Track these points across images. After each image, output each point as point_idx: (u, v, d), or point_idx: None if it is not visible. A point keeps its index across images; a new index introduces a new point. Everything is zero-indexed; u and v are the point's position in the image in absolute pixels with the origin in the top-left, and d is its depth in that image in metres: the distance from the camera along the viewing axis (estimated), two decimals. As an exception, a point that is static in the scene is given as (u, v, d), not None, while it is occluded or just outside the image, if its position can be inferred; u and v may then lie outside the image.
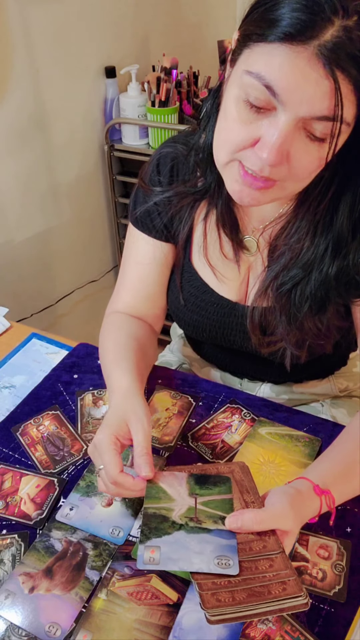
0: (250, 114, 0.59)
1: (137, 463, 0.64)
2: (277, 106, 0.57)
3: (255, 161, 0.61)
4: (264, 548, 0.57)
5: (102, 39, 1.73)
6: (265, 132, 0.59)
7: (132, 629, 0.61)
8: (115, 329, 0.87)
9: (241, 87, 0.59)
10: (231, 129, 0.62)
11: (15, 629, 0.61)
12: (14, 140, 1.57)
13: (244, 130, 0.60)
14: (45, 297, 1.87)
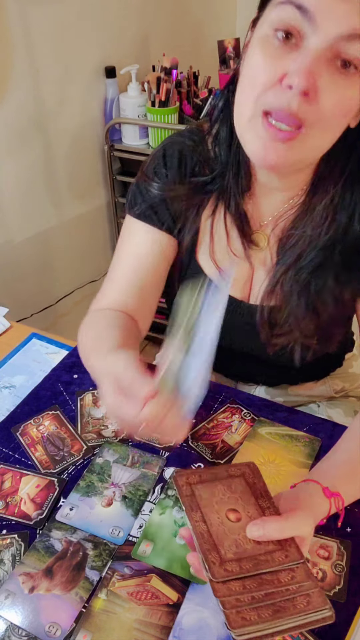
0: (278, 49, 0.57)
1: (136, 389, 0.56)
2: (307, 32, 0.56)
3: (282, 98, 0.57)
4: (286, 558, 0.55)
5: (102, 39, 1.73)
6: (293, 62, 0.56)
7: (132, 629, 0.61)
8: (95, 323, 0.80)
9: (270, 23, 0.58)
10: (256, 71, 0.59)
11: (15, 629, 0.61)
12: (14, 140, 1.57)
13: (270, 66, 0.58)
14: (45, 297, 1.87)
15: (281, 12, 0.57)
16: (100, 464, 0.79)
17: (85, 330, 0.80)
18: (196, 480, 0.61)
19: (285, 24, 0.56)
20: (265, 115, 0.60)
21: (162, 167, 0.81)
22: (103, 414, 0.87)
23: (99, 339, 0.73)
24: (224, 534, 0.56)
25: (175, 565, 0.66)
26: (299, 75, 0.55)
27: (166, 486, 0.76)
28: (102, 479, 0.77)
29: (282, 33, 0.57)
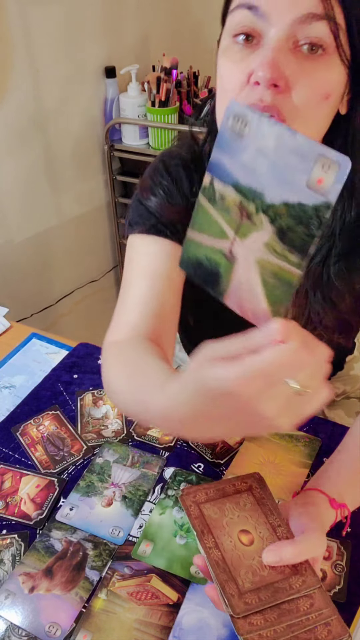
0: (240, 53, 0.58)
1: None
2: (264, 29, 0.56)
3: (254, 94, 0.56)
4: (303, 584, 0.54)
5: (102, 39, 1.73)
6: (256, 58, 0.56)
7: (132, 629, 0.61)
8: (123, 356, 0.68)
9: (228, 32, 0.59)
10: (225, 79, 0.59)
11: (15, 629, 0.61)
12: (14, 140, 1.57)
13: (237, 69, 0.58)
14: (45, 297, 1.87)
15: (235, 18, 0.57)
16: (100, 464, 0.79)
17: (113, 367, 0.68)
18: (203, 499, 0.60)
19: (241, 27, 0.57)
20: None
21: (164, 180, 0.77)
22: (103, 414, 0.87)
23: (142, 375, 0.60)
24: (239, 560, 0.55)
25: (175, 565, 0.66)
26: (262, 69, 0.54)
27: (166, 486, 0.76)
28: (102, 479, 0.77)
29: (241, 37, 0.57)
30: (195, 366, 0.42)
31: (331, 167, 0.35)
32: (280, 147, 0.37)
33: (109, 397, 0.70)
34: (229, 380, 0.38)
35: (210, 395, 0.41)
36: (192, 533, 0.70)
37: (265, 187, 0.38)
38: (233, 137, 0.39)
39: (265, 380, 0.38)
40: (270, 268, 0.40)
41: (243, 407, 0.40)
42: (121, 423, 0.85)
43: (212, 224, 0.42)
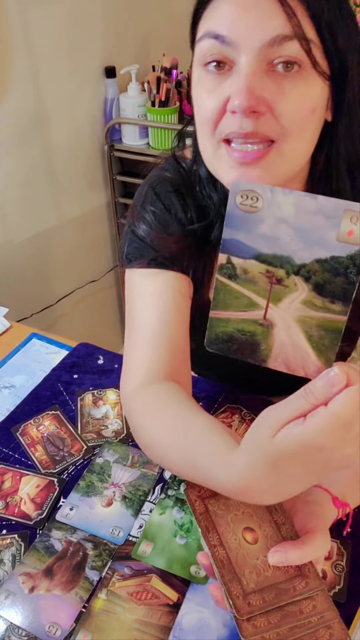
0: (214, 81, 0.56)
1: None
2: (233, 55, 0.54)
3: (233, 123, 0.55)
4: (306, 586, 0.54)
5: (102, 39, 1.73)
6: (230, 86, 0.55)
7: (132, 629, 0.61)
8: (155, 409, 0.65)
9: (199, 62, 0.58)
10: (202, 109, 0.58)
11: (15, 629, 0.61)
12: (14, 140, 1.57)
13: (213, 98, 0.57)
14: (45, 297, 1.87)
15: (203, 47, 0.56)
16: (100, 464, 0.79)
17: (148, 423, 0.65)
18: (208, 494, 0.59)
19: (210, 56, 0.56)
20: (226, 142, 0.58)
21: (156, 209, 0.74)
22: (103, 414, 0.87)
23: (193, 443, 0.57)
24: (243, 559, 0.55)
25: (175, 565, 0.66)
26: (238, 97, 0.53)
27: (166, 486, 0.76)
28: (102, 479, 0.77)
29: (212, 65, 0.56)
30: (264, 435, 0.43)
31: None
32: (301, 212, 0.39)
33: (147, 453, 0.68)
34: (315, 436, 0.39)
35: (290, 459, 0.42)
36: (192, 533, 0.70)
37: (293, 251, 0.40)
38: (245, 214, 0.40)
39: (345, 426, 0.39)
40: (312, 323, 0.41)
41: (327, 457, 0.41)
42: (121, 423, 0.85)
43: (238, 299, 0.43)
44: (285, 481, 0.45)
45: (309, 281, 0.40)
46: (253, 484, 0.46)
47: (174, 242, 0.71)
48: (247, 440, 0.46)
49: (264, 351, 0.43)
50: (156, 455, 0.65)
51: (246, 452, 0.46)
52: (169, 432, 0.62)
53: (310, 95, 0.55)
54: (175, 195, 0.74)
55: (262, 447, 0.43)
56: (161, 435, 0.62)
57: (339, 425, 0.39)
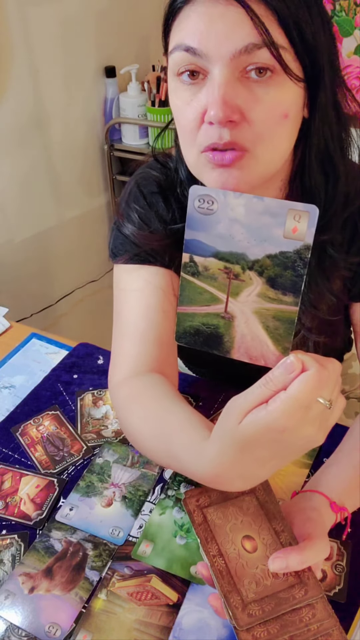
0: (189, 92, 0.58)
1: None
2: (206, 66, 0.55)
3: (212, 134, 0.56)
4: (306, 594, 0.53)
5: (102, 39, 1.73)
6: (205, 96, 0.56)
7: (132, 629, 0.61)
8: (139, 399, 0.68)
9: (172, 73, 0.59)
10: (181, 119, 0.60)
11: (15, 629, 0.61)
12: (14, 140, 1.57)
13: (191, 109, 0.58)
14: (45, 297, 1.87)
15: (175, 59, 0.57)
16: (100, 464, 0.79)
17: (132, 413, 0.68)
18: (207, 503, 0.59)
19: (183, 67, 0.57)
20: (206, 151, 0.59)
21: (139, 207, 0.76)
22: (102, 414, 0.87)
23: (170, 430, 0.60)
24: (242, 569, 0.55)
25: (175, 566, 0.66)
26: (214, 108, 0.54)
27: (166, 486, 0.76)
28: (102, 479, 0.77)
29: (186, 75, 0.57)
30: (231, 423, 0.46)
31: (302, 216, 0.41)
32: (251, 213, 0.43)
33: (131, 442, 0.71)
34: (277, 420, 0.43)
35: (256, 443, 0.45)
36: (192, 534, 0.70)
37: (246, 248, 0.43)
38: (203, 216, 0.44)
39: (303, 407, 0.43)
40: (268, 314, 0.44)
41: (290, 439, 0.44)
42: (121, 423, 0.85)
43: (201, 294, 0.46)
44: (253, 465, 0.48)
45: (262, 275, 0.43)
46: (224, 471, 0.49)
47: (155, 239, 0.73)
48: (216, 430, 0.49)
49: (227, 343, 0.46)
50: (138, 444, 0.68)
51: (216, 440, 0.49)
52: (149, 422, 0.65)
53: (282, 100, 0.56)
54: (160, 195, 0.75)
55: (230, 434, 0.46)
56: (142, 426, 0.65)
57: (297, 407, 0.42)
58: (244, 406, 0.45)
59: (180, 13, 0.57)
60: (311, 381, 0.42)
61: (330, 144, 0.64)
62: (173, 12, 0.57)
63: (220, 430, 0.49)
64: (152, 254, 0.74)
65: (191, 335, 0.47)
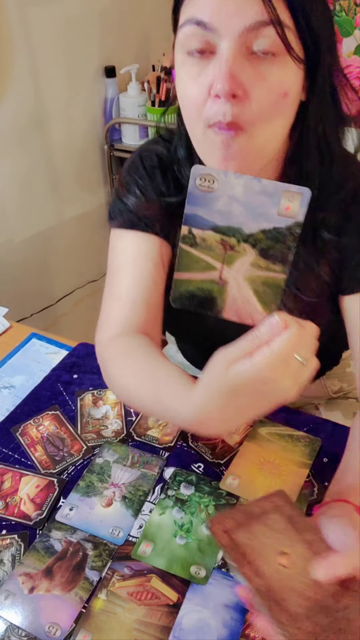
0: (197, 67, 0.60)
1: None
2: (214, 41, 0.58)
3: (217, 108, 0.59)
4: (353, 599, 0.51)
5: (102, 39, 1.73)
6: (213, 71, 0.58)
7: (132, 629, 0.61)
8: (128, 355, 0.73)
9: (181, 47, 0.61)
10: (188, 93, 0.62)
11: (15, 629, 0.61)
12: (14, 140, 1.57)
13: (197, 84, 0.60)
14: (45, 297, 1.87)
15: (185, 33, 0.60)
16: (100, 464, 0.79)
17: (120, 367, 0.72)
18: (232, 525, 0.57)
19: (193, 42, 0.59)
20: (211, 127, 0.61)
21: (139, 178, 0.79)
22: (102, 414, 0.87)
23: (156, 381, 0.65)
24: (283, 585, 0.52)
25: (175, 566, 0.66)
26: (220, 81, 0.57)
27: (166, 486, 0.76)
28: (102, 479, 0.77)
29: (195, 51, 0.59)
30: (218, 372, 0.50)
31: (295, 197, 0.46)
32: (249, 192, 0.47)
33: (116, 393, 0.77)
34: (260, 370, 0.47)
35: (239, 391, 0.50)
36: (192, 533, 0.70)
37: (242, 223, 0.48)
38: (203, 192, 0.48)
39: (283, 361, 0.47)
40: (259, 280, 0.50)
41: (269, 389, 0.49)
42: (121, 423, 0.85)
43: (197, 262, 0.50)
44: (234, 412, 0.53)
45: (255, 247, 0.48)
46: (208, 414, 0.54)
47: (150, 209, 0.77)
48: (204, 378, 0.54)
49: (220, 304, 0.52)
50: (124, 395, 0.73)
51: (204, 387, 0.54)
52: (138, 375, 0.69)
53: (284, 79, 0.59)
54: (159, 168, 0.79)
55: (217, 381, 0.51)
56: (131, 378, 0.70)
57: (278, 360, 0.47)
58: (230, 357, 0.49)
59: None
60: (292, 338, 0.47)
61: (327, 127, 0.66)
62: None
63: (207, 379, 0.53)
64: (145, 222, 0.78)
65: (186, 298, 0.52)
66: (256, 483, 0.75)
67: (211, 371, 0.52)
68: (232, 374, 0.49)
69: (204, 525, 0.70)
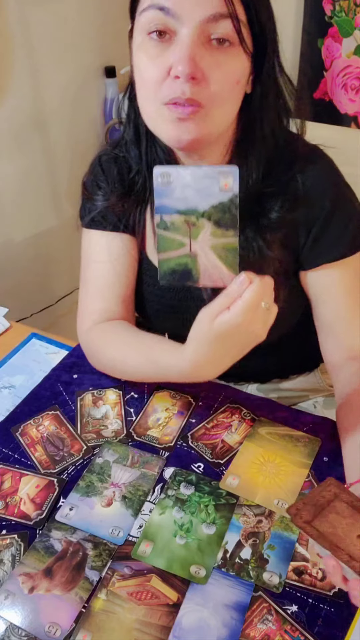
0: (157, 49, 0.65)
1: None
2: (175, 26, 0.63)
3: (175, 87, 0.64)
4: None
5: (102, 39, 1.73)
6: (173, 53, 0.63)
7: (132, 629, 0.61)
8: (108, 336, 0.86)
9: (142, 30, 0.65)
10: (146, 73, 0.66)
11: (15, 629, 0.61)
12: (13, 140, 1.57)
13: (156, 65, 0.65)
14: (45, 297, 1.87)
15: (147, 16, 0.64)
16: (100, 464, 0.79)
17: (110, 344, 0.84)
18: (310, 516, 0.60)
19: (155, 25, 0.64)
20: (167, 105, 0.66)
21: (101, 179, 0.88)
22: (102, 414, 0.87)
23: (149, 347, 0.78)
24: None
25: (175, 565, 0.66)
26: (181, 64, 0.62)
27: (166, 486, 0.76)
28: (102, 479, 0.77)
29: (155, 34, 0.64)
30: (204, 325, 0.62)
31: (228, 175, 0.58)
32: (195, 178, 0.59)
33: (108, 369, 0.88)
34: (237, 317, 0.60)
35: (223, 337, 0.62)
36: (192, 533, 0.70)
37: (197, 204, 0.59)
38: (164, 186, 0.59)
39: (253, 308, 0.60)
40: (220, 246, 0.61)
41: (245, 333, 0.62)
42: (121, 423, 0.85)
43: (172, 242, 0.61)
44: (221, 355, 0.66)
45: (210, 219, 0.60)
46: (200, 362, 0.66)
47: (112, 207, 0.85)
48: (192, 333, 0.65)
49: (195, 275, 0.62)
50: (117, 365, 0.85)
51: (194, 340, 0.65)
52: (127, 345, 0.82)
53: (236, 68, 0.66)
54: (114, 163, 0.86)
55: (205, 333, 0.63)
56: (122, 348, 0.82)
57: (249, 308, 0.59)
58: (213, 312, 0.61)
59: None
60: (258, 289, 0.59)
61: (271, 116, 0.73)
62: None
63: (195, 333, 0.65)
64: (110, 221, 0.87)
65: (170, 274, 0.62)
66: (256, 483, 0.75)
67: (198, 327, 0.64)
68: (216, 325, 0.61)
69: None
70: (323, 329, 0.85)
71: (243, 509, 0.73)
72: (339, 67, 1.65)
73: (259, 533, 0.70)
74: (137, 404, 0.88)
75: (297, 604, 0.63)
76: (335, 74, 1.67)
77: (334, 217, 0.78)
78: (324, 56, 1.67)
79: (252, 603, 0.63)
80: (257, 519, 0.72)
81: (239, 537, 0.70)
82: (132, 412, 0.87)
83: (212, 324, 0.61)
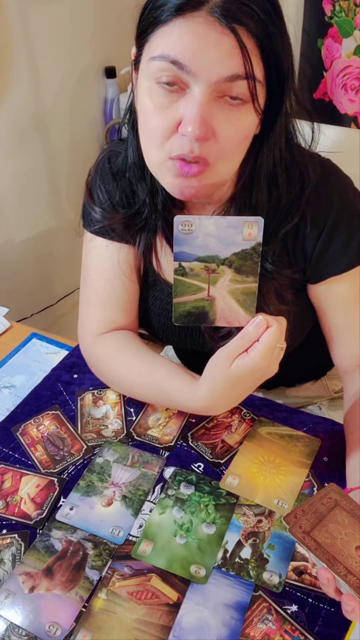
0: (166, 98, 0.61)
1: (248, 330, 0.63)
2: (188, 81, 0.59)
3: (184, 144, 0.61)
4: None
5: (102, 39, 1.73)
6: (184, 109, 0.60)
7: (132, 629, 0.61)
8: (121, 351, 0.83)
9: (150, 76, 0.61)
10: (152, 122, 0.63)
11: (16, 629, 0.61)
12: (14, 140, 1.57)
13: (164, 116, 0.61)
14: (45, 297, 1.87)
15: (158, 66, 0.59)
16: (100, 463, 0.79)
17: (115, 362, 0.83)
18: (309, 526, 0.60)
19: (165, 77, 0.59)
20: (173, 160, 0.64)
21: (100, 188, 0.83)
22: (103, 414, 0.87)
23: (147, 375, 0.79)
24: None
25: (175, 565, 0.66)
26: (192, 124, 0.59)
27: (166, 486, 0.76)
28: (102, 479, 0.77)
29: (165, 84, 0.60)
30: (221, 368, 0.64)
31: (253, 225, 0.59)
32: (218, 228, 0.59)
33: (116, 388, 0.87)
34: (257, 362, 0.62)
35: (241, 380, 0.65)
36: (192, 533, 0.70)
37: (218, 252, 0.61)
38: (185, 235, 0.60)
39: (270, 351, 0.62)
40: (238, 292, 0.63)
41: (262, 375, 0.65)
42: (121, 423, 0.85)
43: (189, 287, 0.63)
44: (235, 396, 0.68)
45: (231, 267, 0.61)
46: (214, 403, 0.69)
47: (107, 218, 0.82)
48: (207, 374, 0.67)
49: (212, 316, 0.64)
50: (126, 390, 0.86)
51: (208, 382, 0.67)
52: (135, 370, 0.81)
53: (247, 125, 0.63)
54: (112, 177, 0.82)
55: (221, 375, 0.65)
56: (130, 374, 0.81)
57: (268, 352, 0.61)
58: (230, 355, 0.63)
59: (169, 23, 0.58)
60: (276, 332, 0.61)
61: (277, 165, 0.71)
62: (161, 18, 0.59)
63: (210, 375, 0.67)
64: (111, 231, 0.83)
65: (185, 317, 0.64)
66: (256, 483, 0.76)
67: (214, 368, 0.66)
68: (234, 368, 0.63)
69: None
70: (332, 338, 0.84)
71: (243, 508, 0.73)
72: (338, 68, 1.66)
73: (259, 533, 0.70)
74: (137, 403, 0.88)
75: (297, 603, 0.63)
76: (335, 74, 1.67)
77: (338, 229, 0.76)
78: (323, 56, 1.68)
79: (252, 603, 0.63)
80: (257, 519, 0.72)
81: (239, 536, 0.70)
82: (132, 412, 0.87)
83: (230, 366, 0.63)
